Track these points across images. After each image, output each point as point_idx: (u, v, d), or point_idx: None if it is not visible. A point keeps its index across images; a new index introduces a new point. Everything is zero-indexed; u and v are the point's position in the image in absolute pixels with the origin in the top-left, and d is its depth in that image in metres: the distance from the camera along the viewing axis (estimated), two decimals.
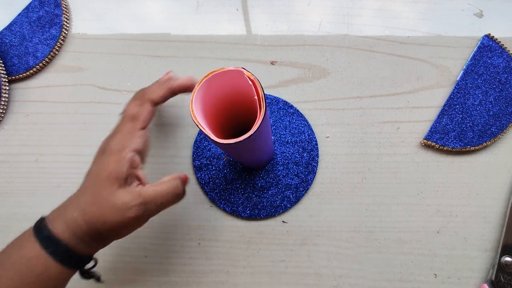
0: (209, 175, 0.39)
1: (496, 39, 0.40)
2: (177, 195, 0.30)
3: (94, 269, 0.31)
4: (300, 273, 0.37)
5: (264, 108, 0.24)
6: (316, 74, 0.41)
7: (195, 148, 0.39)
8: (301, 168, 0.39)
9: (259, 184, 0.38)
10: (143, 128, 0.31)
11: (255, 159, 0.35)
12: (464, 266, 0.37)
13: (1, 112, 0.41)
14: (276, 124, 0.40)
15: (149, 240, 0.38)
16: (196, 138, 0.40)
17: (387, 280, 0.37)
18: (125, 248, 0.38)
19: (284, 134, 0.39)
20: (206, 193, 0.39)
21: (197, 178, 0.39)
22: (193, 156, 0.39)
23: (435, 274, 0.37)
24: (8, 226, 0.39)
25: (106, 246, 0.30)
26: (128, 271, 0.38)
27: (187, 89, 0.33)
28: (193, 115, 0.25)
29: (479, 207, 0.38)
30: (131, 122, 0.30)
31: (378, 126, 0.40)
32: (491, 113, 0.39)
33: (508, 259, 0.35)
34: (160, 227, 0.38)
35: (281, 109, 0.40)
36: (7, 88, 0.41)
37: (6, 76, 0.41)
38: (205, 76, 0.25)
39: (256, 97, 0.25)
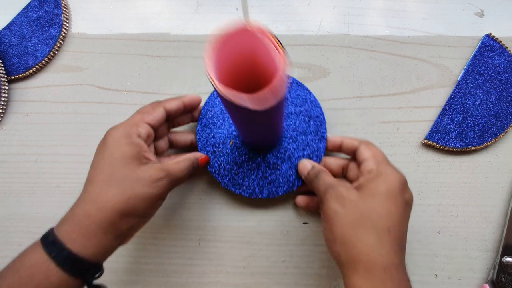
0: (218, 162, 0.37)
1: (497, 38, 0.40)
2: (193, 171, 0.32)
3: (101, 283, 0.28)
4: (300, 274, 0.37)
5: (284, 53, 0.22)
6: (317, 74, 0.41)
7: (198, 137, 0.38)
8: (310, 137, 0.37)
9: (271, 162, 0.37)
10: (151, 124, 0.31)
11: (271, 132, 0.32)
12: (464, 267, 0.37)
13: (1, 112, 0.41)
14: None
15: (149, 240, 0.38)
16: (198, 127, 0.38)
17: None
18: (126, 249, 0.38)
19: (286, 106, 0.37)
20: (219, 181, 0.37)
21: (207, 168, 0.37)
22: (197, 146, 0.38)
23: (436, 275, 0.37)
24: (8, 226, 0.39)
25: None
26: (128, 271, 0.38)
27: (195, 104, 0.36)
28: (211, 79, 0.22)
29: (480, 207, 0.38)
30: (141, 115, 0.31)
31: (378, 126, 0.40)
32: (492, 113, 0.39)
33: (509, 259, 0.35)
34: (160, 227, 0.38)
35: None
36: (7, 88, 0.41)
37: (6, 76, 0.41)
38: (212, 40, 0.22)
39: (271, 44, 0.22)
